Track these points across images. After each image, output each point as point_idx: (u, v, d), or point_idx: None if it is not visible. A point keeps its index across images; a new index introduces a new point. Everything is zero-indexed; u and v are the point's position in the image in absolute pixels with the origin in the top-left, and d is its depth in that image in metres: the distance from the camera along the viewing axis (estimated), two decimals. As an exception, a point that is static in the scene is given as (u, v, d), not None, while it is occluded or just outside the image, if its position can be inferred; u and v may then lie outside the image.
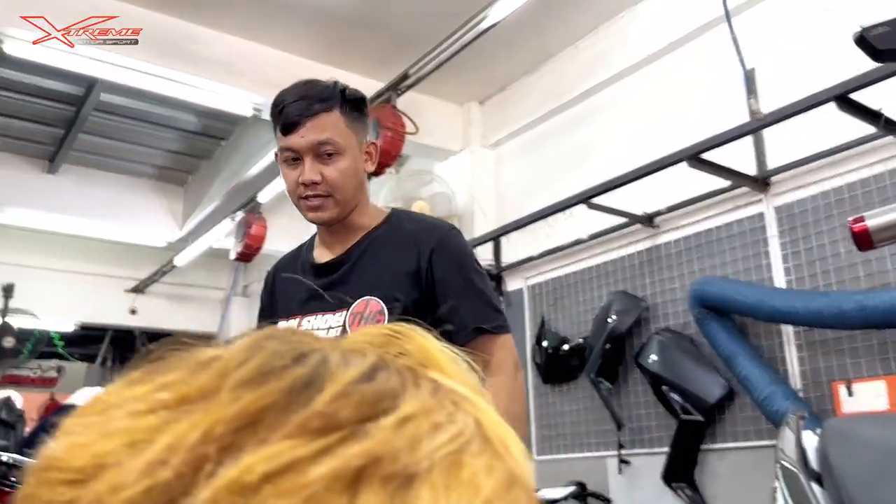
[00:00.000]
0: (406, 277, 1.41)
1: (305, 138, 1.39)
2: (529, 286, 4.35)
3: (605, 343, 3.66)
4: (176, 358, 0.28)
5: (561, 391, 4.08)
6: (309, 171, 1.39)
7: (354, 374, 0.26)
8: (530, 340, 4.27)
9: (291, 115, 1.38)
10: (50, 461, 0.26)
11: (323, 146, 1.39)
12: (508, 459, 0.27)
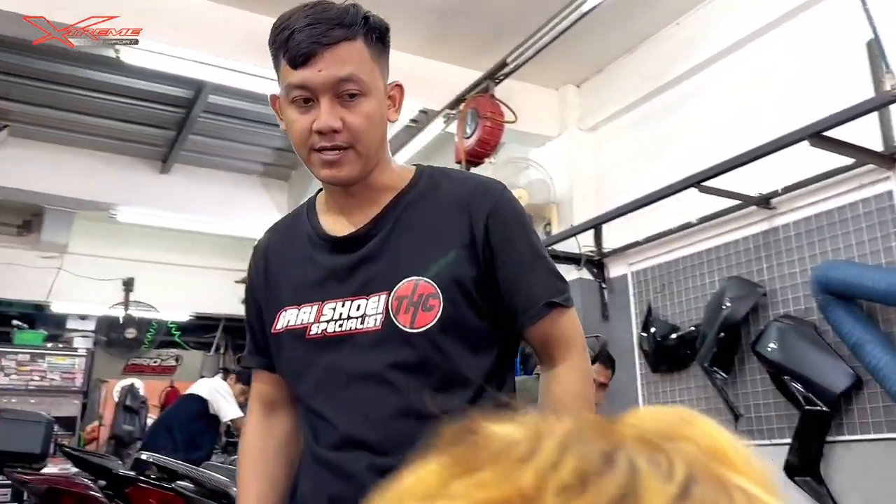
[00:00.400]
0: (461, 250, 1.14)
1: (324, 72, 1.08)
2: (634, 272, 4.24)
3: (719, 331, 3.53)
4: (481, 447, 0.28)
5: (671, 380, 3.97)
6: (327, 115, 1.09)
7: (672, 491, 0.25)
8: (636, 328, 4.17)
9: (305, 42, 1.07)
10: None
11: (345, 84, 1.10)
12: None
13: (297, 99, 1.11)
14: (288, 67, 1.10)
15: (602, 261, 4.37)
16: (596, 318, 4.38)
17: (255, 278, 1.29)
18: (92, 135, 5.47)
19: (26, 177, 5.43)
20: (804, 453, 3.15)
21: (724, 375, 3.55)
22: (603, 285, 4.39)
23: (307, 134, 1.11)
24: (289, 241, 1.27)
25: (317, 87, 1.09)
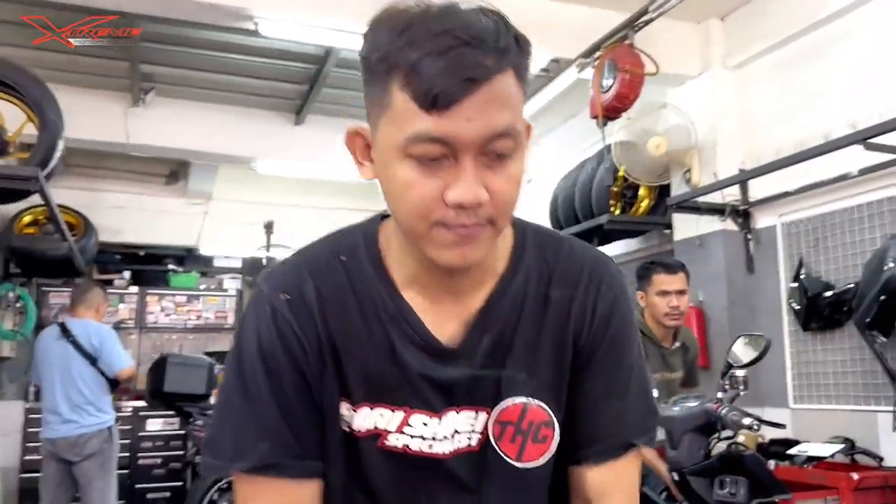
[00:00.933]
0: (556, 358, 0.92)
1: (475, 123, 0.76)
2: (784, 223, 4.03)
3: (880, 293, 3.31)
4: None
5: (822, 339, 3.81)
6: (474, 184, 0.77)
7: None
8: (784, 283, 3.99)
9: (447, 76, 0.74)
10: None
11: (498, 140, 0.78)
12: None
13: (421, 155, 0.78)
14: (413, 105, 0.75)
15: (748, 210, 4.17)
16: (740, 270, 4.23)
17: (303, 343, 0.88)
18: (230, 92, 5.70)
19: (172, 134, 5.76)
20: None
21: (884, 339, 3.36)
22: (748, 236, 4.21)
23: (434, 205, 0.78)
24: (350, 302, 0.90)
25: (463, 144, 0.76)
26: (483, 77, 0.75)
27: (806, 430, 3.79)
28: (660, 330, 3.03)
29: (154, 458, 6.44)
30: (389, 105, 0.77)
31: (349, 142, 0.87)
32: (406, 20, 0.76)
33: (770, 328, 4.07)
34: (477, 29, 0.75)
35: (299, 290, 0.89)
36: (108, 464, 4.21)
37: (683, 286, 3.02)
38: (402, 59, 0.75)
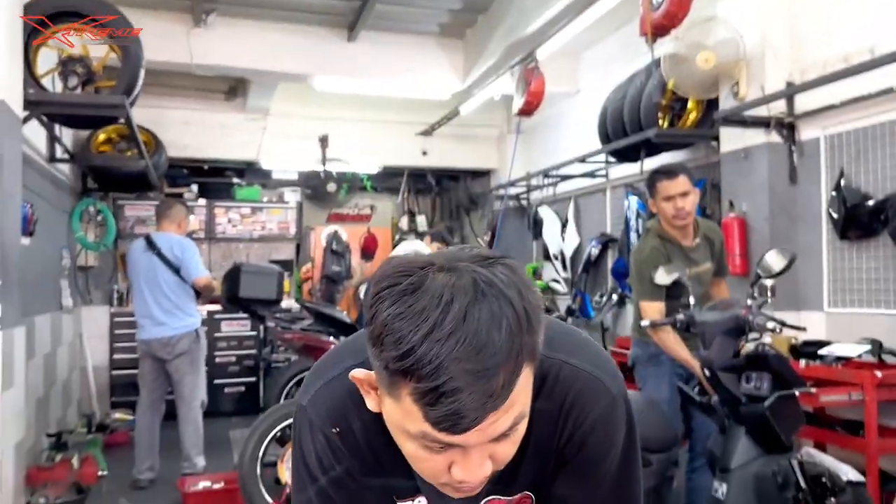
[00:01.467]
0: (539, 464, 1.02)
1: (482, 434, 0.80)
2: (827, 136, 4.14)
3: (914, 204, 3.48)
4: None
5: (858, 247, 3.99)
6: (476, 467, 0.83)
7: None
8: (825, 194, 4.14)
9: (466, 413, 0.77)
10: None
11: (504, 433, 0.83)
12: None
13: (431, 447, 0.82)
14: (422, 417, 0.78)
15: (793, 123, 4.28)
16: (783, 182, 4.38)
17: (353, 464, 1.03)
18: (287, 10, 5.88)
19: (233, 53, 6.01)
20: None
21: (918, 248, 3.54)
22: (792, 149, 4.33)
23: (441, 474, 0.85)
24: (385, 449, 0.97)
25: (470, 446, 0.82)
26: (495, 406, 0.77)
27: (838, 333, 4.03)
28: (675, 231, 3.22)
29: (229, 356, 7.03)
30: (399, 398, 0.79)
31: (359, 384, 0.89)
32: (430, 322, 0.75)
33: (809, 237, 4.27)
34: (491, 353, 0.75)
35: (345, 423, 0.98)
36: (197, 361, 4.72)
37: (686, 188, 3.16)
38: (414, 374, 0.76)
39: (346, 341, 1.07)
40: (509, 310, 0.77)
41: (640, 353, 3.30)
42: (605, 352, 1.07)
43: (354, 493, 1.02)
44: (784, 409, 2.48)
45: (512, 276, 0.80)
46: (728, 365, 2.61)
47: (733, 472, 2.54)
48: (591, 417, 0.97)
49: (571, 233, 7.16)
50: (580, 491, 1.01)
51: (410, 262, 0.81)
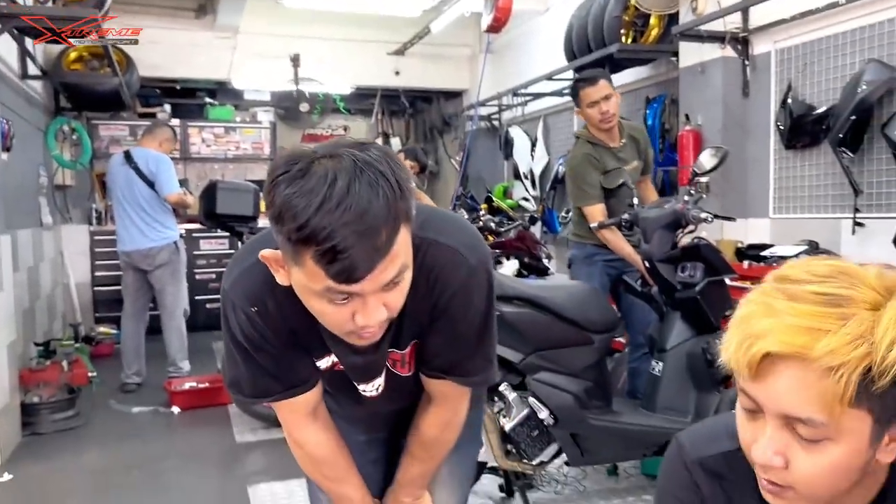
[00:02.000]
0: (418, 323, 1.23)
1: (376, 280, 0.98)
2: (777, 50, 4.33)
3: (851, 113, 3.71)
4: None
5: (801, 156, 4.24)
6: (374, 314, 1.01)
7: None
8: (775, 105, 4.36)
9: (357, 262, 0.94)
10: None
11: (393, 280, 1.01)
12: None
13: (333, 299, 1.00)
14: (324, 275, 0.95)
15: (747, 38, 4.45)
16: (737, 95, 4.58)
17: (274, 335, 1.24)
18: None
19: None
20: (916, 228, 3.46)
21: (852, 155, 3.79)
22: (746, 63, 4.52)
23: (345, 324, 1.04)
24: (298, 316, 1.13)
25: (366, 294, 0.99)
26: (378, 257, 0.94)
27: (782, 237, 4.33)
28: (603, 134, 3.40)
29: (209, 273, 7.24)
30: (303, 264, 0.95)
31: (267, 262, 1.06)
32: (319, 197, 0.90)
33: (758, 148, 4.51)
34: (373, 214, 0.92)
35: (262, 302, 1.16)
36: (178, 273, 4.92)
37: (607, 91, 3.32)
38: (312, 239, 0.91)
39: (258, 236, 1.23)
40: (384, 181, 0.93)
41: (577, 253, 3.54)
42: (472, 228, 1.27)
43: (276, 356, 1.21)
44: (713, 294, 2.76)
45: (383, 156, 0.96)
46: (666, 256, 2.86)
47: (669, 352, 2.84)
48: (452, 286, 1.17)
49: (540, 151, 7.34)
50: (446, 342, 1.24)
51: (297, 152, 0.97)
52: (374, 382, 1.32)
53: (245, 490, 3.14)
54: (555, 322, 2.69)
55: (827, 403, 0.74)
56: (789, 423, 0.78)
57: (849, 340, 0.73)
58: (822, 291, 0.77)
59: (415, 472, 1.42)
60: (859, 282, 0.78)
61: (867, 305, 0.76)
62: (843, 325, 0.74)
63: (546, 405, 2.66)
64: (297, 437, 1.34)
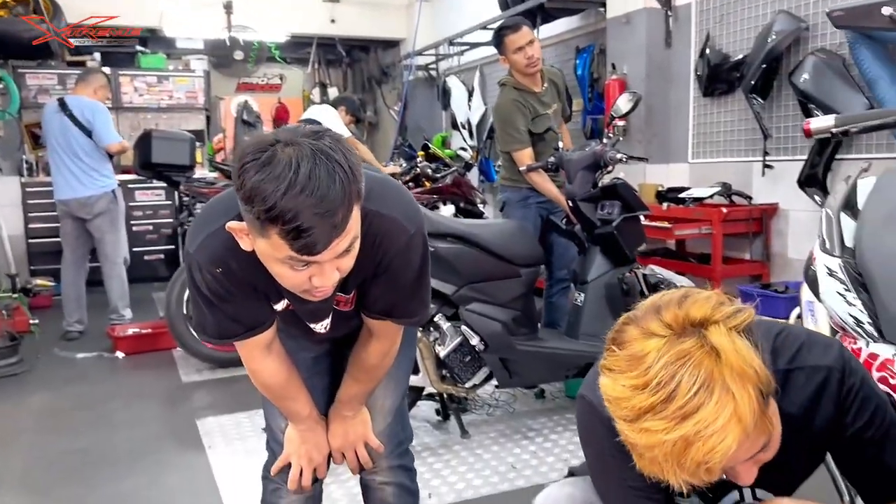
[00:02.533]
0: (362, 274, 1.37)
1: (330, 253, 1.13)
2: (698, 1, 4.55)
3: (762, 61, 3.97)
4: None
5: (718, 103, 4.51)
6: (330, 279, 1.18)
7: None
8: (694, 55, 4.60)
9: (318, 239, 1.09)
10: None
11: (346, 250, 1.16)
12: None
13: (293, 265, 1.14)
14: (287, 248, 1.09)
15: (669, -11, 4.66)
16: (660, 45, 4.80)
17: (235, 288, 1.36)
18: None
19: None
20: (816, 169, 3.78)
21: (762, 101, 4.07)
22: (668, 13, 4.73)
23: (303, 284, 1.18)
24: (255, 272, 1.27)
25: (323, 262, 1.14)
26: (335, 235, 1.09)
27: (699, 181, 4.62)
28: (527, 79, 3.54)
29: (146, 225, 7.21)
30: (269, 237, 1.10)
31: (231, 231, 1.21)
32: (285, 183, 1.04)
33: (679, 96, 4.76)
34: (331, 198, 1.06)
35: (226, 264, 1.30)
36: (117, 221, 4.94)
37: (530, 37, 3.47)
38: (279, 219, 1.05)
39: (217, 201, 1.37)
40: (339, 168, 1.08)
41: (511, 196, 3.69)
42: (409, 196, 1.42)
43: (238, 305, 1.37)
44: (628, 229, 3.00)
45: (337, 145, 1.11)
46: (587, 196, 3.08)
47: (590, 284, 3.08)
48: (392, 250, 1.35)
49: (477, 101, 7.47)
50: (387, 292, 1.42)
51: (262, 140, 1.10)
52: (322, 322, 1.49)
53: (194, 423, 3.29)
54: (484, 256, 2.89)
55: (749, 448, 0.92)
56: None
57: (752, 406, 0.88)
58: (685, 403, 0.88)
59: (354, 392, 1.60)
60: (688, 382, 0.88)
61: (723, 390, 0.87)
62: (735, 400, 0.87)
63: (477, 333, 2.88)
64: (254, 367, 1.50)
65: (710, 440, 0.85)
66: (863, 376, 1.12)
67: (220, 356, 4.15)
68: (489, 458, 2.81)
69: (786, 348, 1.11)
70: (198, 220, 1.36)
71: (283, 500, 1.64)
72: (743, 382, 0.87)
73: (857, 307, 1.67)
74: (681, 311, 0.92)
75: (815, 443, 1.12)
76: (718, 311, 0.91)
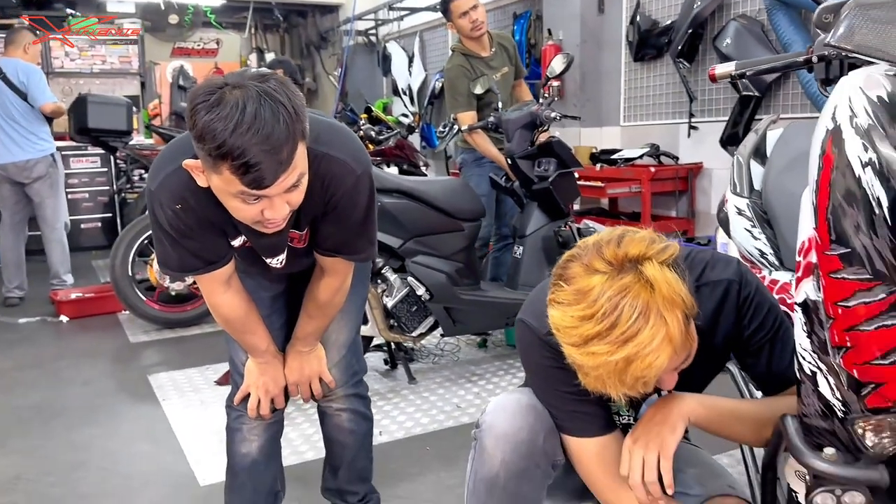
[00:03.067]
0: (313, 213, 1.47)
1: (281, 186, 1.22)
2: (629, -31, 4.75)
3: (688, 27, 4.20)
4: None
5: (648, 68, 4.73)
6: (280, 213, 1.27)
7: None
8: (625, 22, 4.80)
9: (265, 173, 1.17)
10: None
11: (293, 185, 1.25)
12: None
13: (245, 199, 1.23)
14: (238, 182, 1.18)
15: (602, -44, 4.83)
16: (593, 11, 4.99)
17: (195, 224, 1.45)
18: None
19: None
20: (737, 128, 4.04)
21: (688, 65, 4.31)
22: (597, -17, 4.91)
23: (256, 217, 1.27)
24: (216, 210, 1.37)
25: (273, 196, 1.23)
26: (281, 170, 1.18)
27: (630, 142, 4.85)
28: (473, 43, 3.66)
29: (82, 193, 7.09)
30: (221, 173, 1.19)
31: (187, 168, 1.30)
32: (233, 122, 1.13)
33: (611, 61, 4.97)
34: (276, 136, 1.14)
35: (185, 200, 1.38)
36: (56, 185, 4.88)
37: (474, 2, 3.57)
38: (229, 155, 1.14)
39: (175, 143, 1.45)
40: (283, 108, 1.16)
41: (467, 157, 3.85)
42: (355, 138, 1.50)
43: (198, 240, 1.45)
44: (563, 184, 3.18)
45: (281, 87, 1.18)
46: (525, 154, 3.24)
47: (528, 237, 3.26)
48: (340, 191, 1.43)
49: (418, 67, 7.56)
50: (336, 230, 1.52)
51: (212, 83, 1.18)
52: (278, 257, 1.59)
53: (146, 378, 3.36)
54: (429, 211, 3.04)
55: (675, 362, 1.07)
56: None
57: (680, 328, 1.03)
58: (621, 331, 1.02)
59: (310, 328, 1.72)
60: (624, 316, 1.01)
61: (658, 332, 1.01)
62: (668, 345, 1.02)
63: (423, 283, 3.03)
64: (214, 301, 1.59)
65: (646, 359, 1.00)
66: (756, 285, 1.27)
67: (167, 317, 4.20)
68: (435, 399, 2.98)
69: (694, 268, 1.26)
70: (158, 161, 1.45)
71: (245, 425, 1.77)
72: (672, 309, 1.02)
73: (762, 241, 1.89)
74: (620, 249, 1.05)
75: (720, 347, 1.28)
76: (651, 247, 1.06)
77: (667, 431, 1.14)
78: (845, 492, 1.00)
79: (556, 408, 1.28)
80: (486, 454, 1.26)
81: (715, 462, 1.42)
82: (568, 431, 1.26)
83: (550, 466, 1.28)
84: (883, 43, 0.84)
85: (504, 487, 1.25)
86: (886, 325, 0.89)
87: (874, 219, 0.86)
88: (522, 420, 1.25)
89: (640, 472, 1.15)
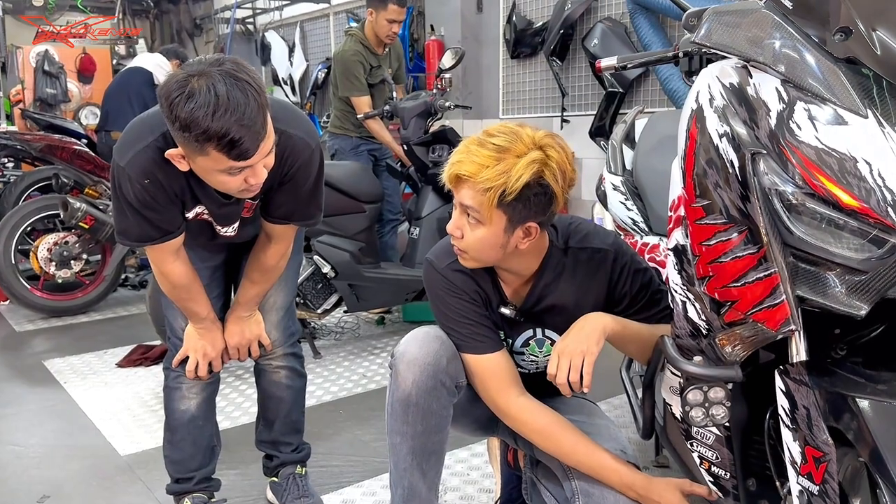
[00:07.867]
0: (269, 184, 1.61)
1: (259, 155, 1.41)
2: (505, -28, 5.09)
3: (560, 27, 4.58)
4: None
5: (524, 65, 5.10)
6: (260, 174, 1.46)
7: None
8: (503, 21, 5.14)
9: (248, 146, 1.36)
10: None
11: (269, 150, 1.45)
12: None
13: (232, 172, 1.42)
14: (226, 159, 1.37)
15: (480, -42, 5.14)
16: (472, 10, 5.30)
17: (160, 195, 1.59)
18: None
19: None
20: (604, 121, 4.47)
21: (560, 63, 4.70)
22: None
23: (241, 185, 1.46)
24: (179, 182, 1.58)
25: (255, 164, 1.42)
26: (260, 139, 1.38)
27: (509, 133, 5.20)
28: (376, 41, 3.81)
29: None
30: (208, 154, 1.37)
31: (170, 158, 1.46)
32: (211, 108, 1.30)
33: (490, 57, 5.30)
34: (250, 114, 1.33)
35: (153, 175, 1.54)
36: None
37: (402, 18, 3.80)
38: (215, 137, 1.32)
39: (141, 121, 1.58)
40: (249, 87, 1.35)
41: (342, 145, 3.94)
42: (305, 116, 1.71)
43: (158, 212, 1.59)
44: (456, 168, 3.45)
45: (239, 66, 1.38)
46: (420, 141, 3.48)
47: (423, 219, 3.50)
48: (298, 163, 1.63)
49: (299, 58, 7.61)
50: (289, 199, 1.69)
51: (178, 78, 1.34)
52: (233, 226, 1.76)
53: (41, 364, 3.31)
54: (332, 193, 3.21)
55: (482, 204, 1.32)
56: (465, 211, 1.37)
57: (497, 174, 1.30)
58: (495, 143, 1.32)
59: (252, 293, 1.88)
60: (519, 139, 1.32)
61: (516, 154, 1.31)
62: (496, 164, 1.30)
63: (328, 261, 3.21)
64: (163, 269, 1.72)
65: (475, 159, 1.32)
66: (632, 255, 1.54)
67: (53, 305, 4.12)
68: (342, 371, 3.17)
69: (576, 233, 1.54)
70: (125, 139, 1.57)
71: (184, 384, 1.90)
72: (526, 167, 1.29)
73: (634, 211, 2.24)
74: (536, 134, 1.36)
75: (594, 305, 1.50)
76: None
77: (592, 342, 1.39)
78: (710, 388, 1.31)
79: (456, 332, 1.50)
80: (400, 378, 1.45)
81: (612, 424, 1.67)
82: (467, 350, 1.50)
83: (455, 386, 1.50)
84: (732, 41, 1.12)
85: (416, 404, 1.45)
86: (738, 256, 1.17)
87: (728, 177, 1.14)
88: (429, 347, 1.46)
89: (566, 373, 1.40)
